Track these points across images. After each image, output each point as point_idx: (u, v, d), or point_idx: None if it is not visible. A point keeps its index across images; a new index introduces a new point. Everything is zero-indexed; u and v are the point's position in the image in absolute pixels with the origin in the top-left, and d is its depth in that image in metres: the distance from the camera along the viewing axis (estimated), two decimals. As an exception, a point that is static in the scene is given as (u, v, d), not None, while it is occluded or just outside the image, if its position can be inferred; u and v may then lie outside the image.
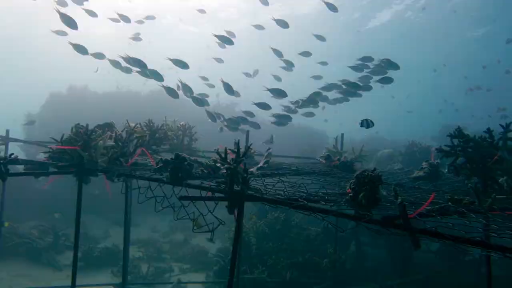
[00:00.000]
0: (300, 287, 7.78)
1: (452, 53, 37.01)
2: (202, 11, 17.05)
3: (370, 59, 10.32)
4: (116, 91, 24.60)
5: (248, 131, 6.30)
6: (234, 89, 9.37)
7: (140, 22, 14.09)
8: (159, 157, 4.48)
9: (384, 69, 10.78)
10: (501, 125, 4.31)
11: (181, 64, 9.17)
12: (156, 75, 8.54)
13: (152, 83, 10.61)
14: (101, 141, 4.53)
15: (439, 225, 2.60)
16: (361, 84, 10.01)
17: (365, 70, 10.28)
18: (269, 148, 4.76)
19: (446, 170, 5.24)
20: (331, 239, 9.03)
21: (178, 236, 13.22)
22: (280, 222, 9.36)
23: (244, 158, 3.56)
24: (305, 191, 3.73)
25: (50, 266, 10.22)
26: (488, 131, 4.27)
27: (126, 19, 11.43)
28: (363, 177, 3.08)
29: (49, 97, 23.43)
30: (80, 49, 9.15)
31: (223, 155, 3.62)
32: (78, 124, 4.75)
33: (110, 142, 4.75)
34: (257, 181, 4.11)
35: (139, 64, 8.50)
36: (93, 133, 4.62)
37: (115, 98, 22.68)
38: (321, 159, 6.25)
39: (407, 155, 11.21)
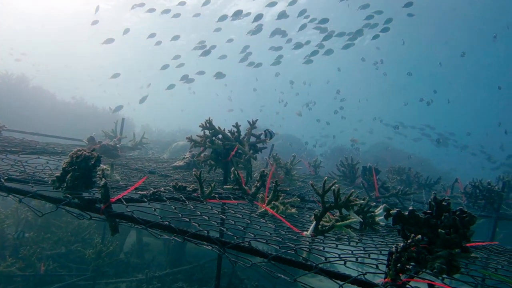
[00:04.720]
0: (55, 280, 7.00)
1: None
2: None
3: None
4: None
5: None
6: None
7: None
8: None
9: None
10: (248, 121, 4.62)
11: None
12: None
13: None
14: None
15: (140, 211, 2.50)
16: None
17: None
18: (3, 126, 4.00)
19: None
20: (107, 228, 8.52)
21: None
22: (48, 209, 8.32)
23: None
24: (24, 170, 3.22)
25: None
26: (236, 125, 4.52)
27: None
28: (77, 157, 2.77)
29: None
30: None
31: None
32: None
33: None
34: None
35: None
36: None
37: None
38: (86, 141, 5.74)
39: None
